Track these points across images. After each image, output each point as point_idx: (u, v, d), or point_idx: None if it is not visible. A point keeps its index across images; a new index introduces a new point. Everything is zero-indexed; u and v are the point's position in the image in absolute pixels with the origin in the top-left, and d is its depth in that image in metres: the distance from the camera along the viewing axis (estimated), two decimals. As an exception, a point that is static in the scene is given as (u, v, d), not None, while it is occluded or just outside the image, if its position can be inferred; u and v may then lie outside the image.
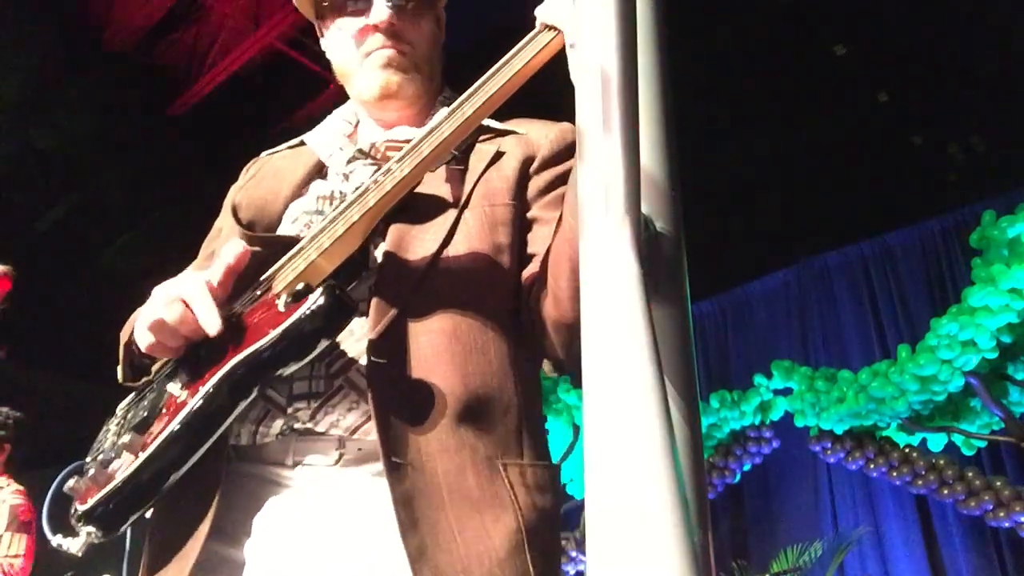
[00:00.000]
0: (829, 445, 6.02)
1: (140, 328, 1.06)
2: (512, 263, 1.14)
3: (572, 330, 1.04)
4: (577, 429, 6.52)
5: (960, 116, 5.88)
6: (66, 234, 5.99)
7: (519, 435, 1.07)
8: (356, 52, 1.25)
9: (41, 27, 4.79)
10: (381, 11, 1.22)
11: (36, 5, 4.88)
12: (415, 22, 1.25)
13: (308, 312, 0.96)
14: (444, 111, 1.09)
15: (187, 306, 1.02)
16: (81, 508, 1.00)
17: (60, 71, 4.96)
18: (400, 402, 1.03)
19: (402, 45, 1.24)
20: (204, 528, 1.01)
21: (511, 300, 1.14)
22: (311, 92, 5.82)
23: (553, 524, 1.06)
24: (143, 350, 1.07)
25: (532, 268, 1.13)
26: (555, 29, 1.03)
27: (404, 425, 1.02)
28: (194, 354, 1.06)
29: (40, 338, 5.21)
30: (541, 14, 1.05)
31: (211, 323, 1.00)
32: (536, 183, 1.20)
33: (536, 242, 1.15)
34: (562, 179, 1.17)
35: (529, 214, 1.18)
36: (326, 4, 1.28)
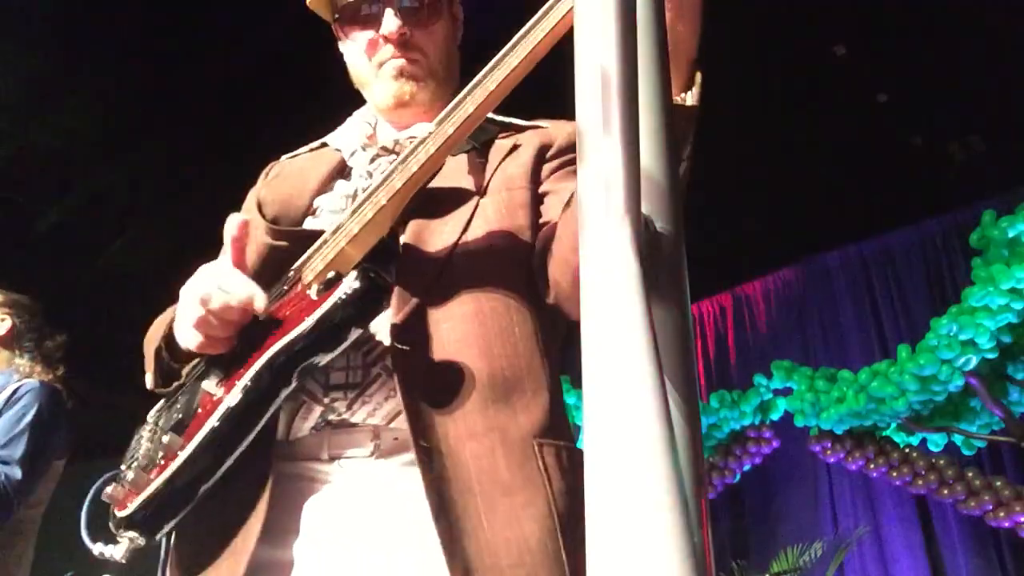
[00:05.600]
0: (829, 445, 6.01)
1: (184, 329, 1.04)
2: (532, 243, 1.13)
3: (573, 281, 1.01)
4: (577, 429, 6.52)
5: (960, 116, 5.87)
6: (66, 234, 5.99)
7: (551, 415, 1.05)
8: (369, 63, 1.25)
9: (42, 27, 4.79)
10: (391, 22, 1.21)
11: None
12: (427, 28, 1.25)
13: (344, 295, 0.95)
14: (464, 90, 1.06)
15: (226, 292, 1.00)
16: (121, 514, 0.98)
17: (60, 71, 4.96)
18: (427, 388, 1.01)
19: (413, 54, 1.23)
20: (255, 529, 0.99)
21: (533, 281, 1.12)
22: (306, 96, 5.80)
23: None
24: (194, 350, 1.05)
25: (544, 231, 1.12)
26: None
27: (432, 410, 1.00)
28: (226, 353, 1.04)
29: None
30: None
31: (256, 298, 0.99)
32: (551, 165, 1.20)
33: (548, 211, 1.14)
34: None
35: (541, 189, 1.18)
36: (338, 15, 1.27)
